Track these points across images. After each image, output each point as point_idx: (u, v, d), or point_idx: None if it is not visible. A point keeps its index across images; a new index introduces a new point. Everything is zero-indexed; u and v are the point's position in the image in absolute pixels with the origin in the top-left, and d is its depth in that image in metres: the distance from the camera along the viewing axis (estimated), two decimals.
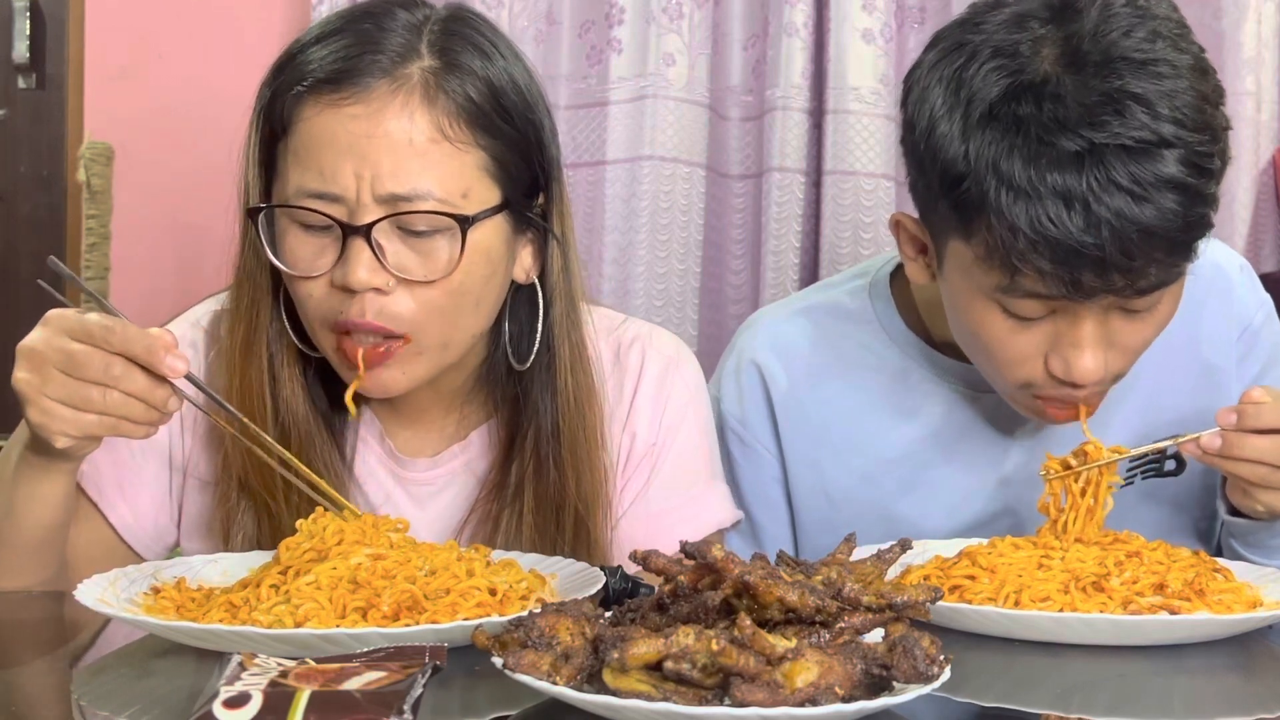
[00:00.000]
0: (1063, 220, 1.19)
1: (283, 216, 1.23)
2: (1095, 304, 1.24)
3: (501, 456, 1.35)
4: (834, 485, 1.50)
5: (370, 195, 1.18)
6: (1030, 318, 1.27)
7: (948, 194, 1.25)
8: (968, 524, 1.47)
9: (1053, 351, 1.27)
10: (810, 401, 1.51)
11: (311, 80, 1.21)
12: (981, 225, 1.23)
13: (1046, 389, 1.30)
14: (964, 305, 1.31)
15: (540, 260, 1.31)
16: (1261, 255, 2.39)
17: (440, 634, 0.97)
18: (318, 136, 1.20)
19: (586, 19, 2.43)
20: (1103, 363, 1.27)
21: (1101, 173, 1.18)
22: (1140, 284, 1.22)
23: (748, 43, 2.44)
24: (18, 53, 2.78)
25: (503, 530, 1.32)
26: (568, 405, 1.31)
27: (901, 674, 0.81)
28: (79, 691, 0.94)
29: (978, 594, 1.14)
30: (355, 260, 1.18)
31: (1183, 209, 1.20)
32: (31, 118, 2.85)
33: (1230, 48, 2.34)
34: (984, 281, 1.26)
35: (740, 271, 2.46)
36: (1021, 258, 1.21)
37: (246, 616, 1.02)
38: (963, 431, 1.48)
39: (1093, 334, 1.26)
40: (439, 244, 1.21)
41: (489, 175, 1.23)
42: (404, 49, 1.21)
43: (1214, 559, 1.21)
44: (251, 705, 0.75)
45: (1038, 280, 1.22)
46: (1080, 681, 1.00)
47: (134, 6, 2.66)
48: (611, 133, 2.36)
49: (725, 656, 0.77)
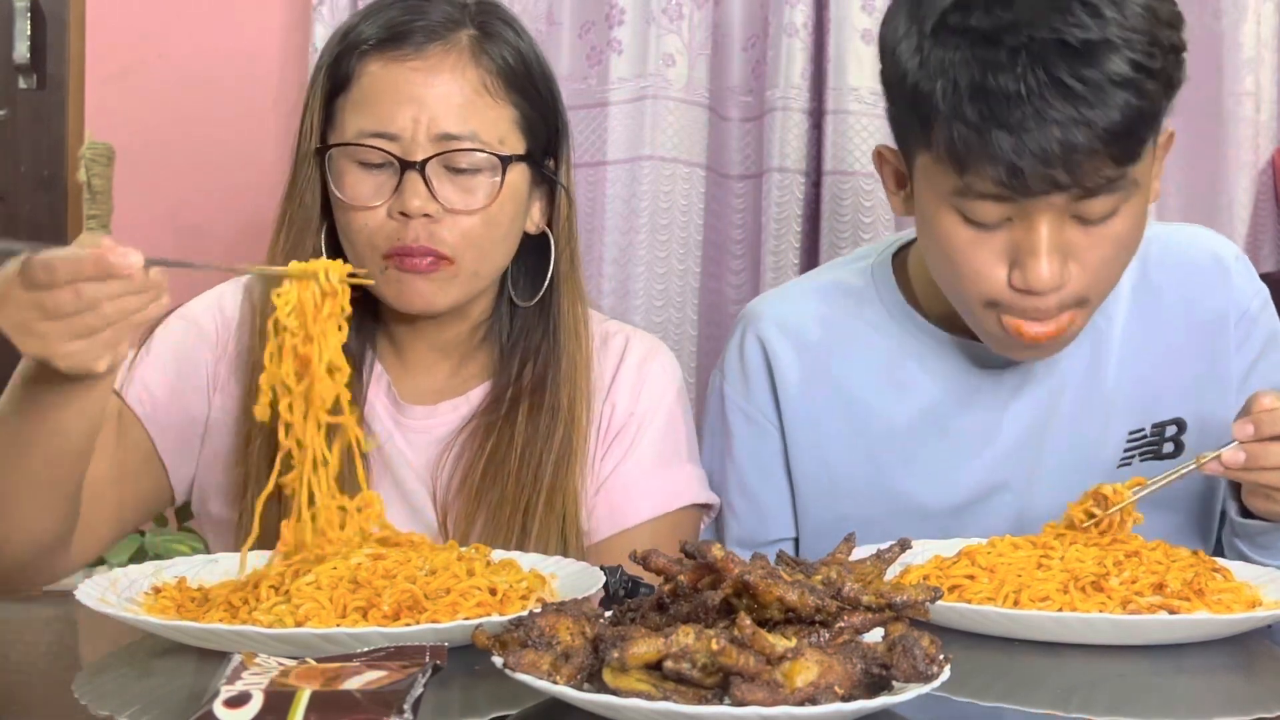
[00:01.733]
0: (1005, 118, 1.24)
1: (342, 157, 1.41)
2: (1048, 209, 1.29)
3: (500, 381, 1.48)
4: (835, 459, 1.53)
5: (425, 135, 1.38)
6: (988, 223, 1.31)
7: (910, 106, 1.33)
8: (966, 497, 1.50)
9: (1014, 265, 1.32)
10: (814, 376, 1.54)
11: (376, 40, 1.41)
12: (938, 129, 1.29)
13: (1011, 305, 1.34)
14: (931, 219, 1.36)
15: (547, 215, 1.50)
16: (1261, 255, 2.39)
17: (440, 634, 0.97)
18: (381, 86, 1.40)
19: (586, 19, 2.43)
20: (1059, 272, 1.31)
21: (1043, 72, 1.24)
22: (1085, 183, 1.26)
23: (748, 43, 2.43)
24: (18, 53, 2.78)
25: (494, 438, 1.44)
26: (567, 329, 1.48)
27: (901, 673, 0.81)
28: (79, 691, 0.94)
29: (977, 594, 1.14)
30: (411, 190, 1.38)
31: (1122, 110, 1.24)
32: (32, 118, 2.85)
33: (1230, 48, 2.34)
34: (943, 186, 1.32)
35: (740, 271, 2.46)
36: (970, 156, 1.27)
37: (247, 616, 1.02)
38: (960, 406, 1.51)
39: (1048, 240, 1.29)
40: (479, 180, 1.40)
41: (519, 128, 1.44)
42: (452, 19, 1.43)
43: (1213, 559, 1.22)
44: (252, 705, 0.75)
45: (986, 180, 1.27)
46: (1080, 681, 1.00)
47: (134, 6, 2.66)
48: (611, 133, 2.36)
49: (725, 656, 0.77)
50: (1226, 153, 2.35)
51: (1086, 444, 1.49)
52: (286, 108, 2.59)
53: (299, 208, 1.45)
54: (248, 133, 2.60)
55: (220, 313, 1.50)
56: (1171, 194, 2.40)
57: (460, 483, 1.44)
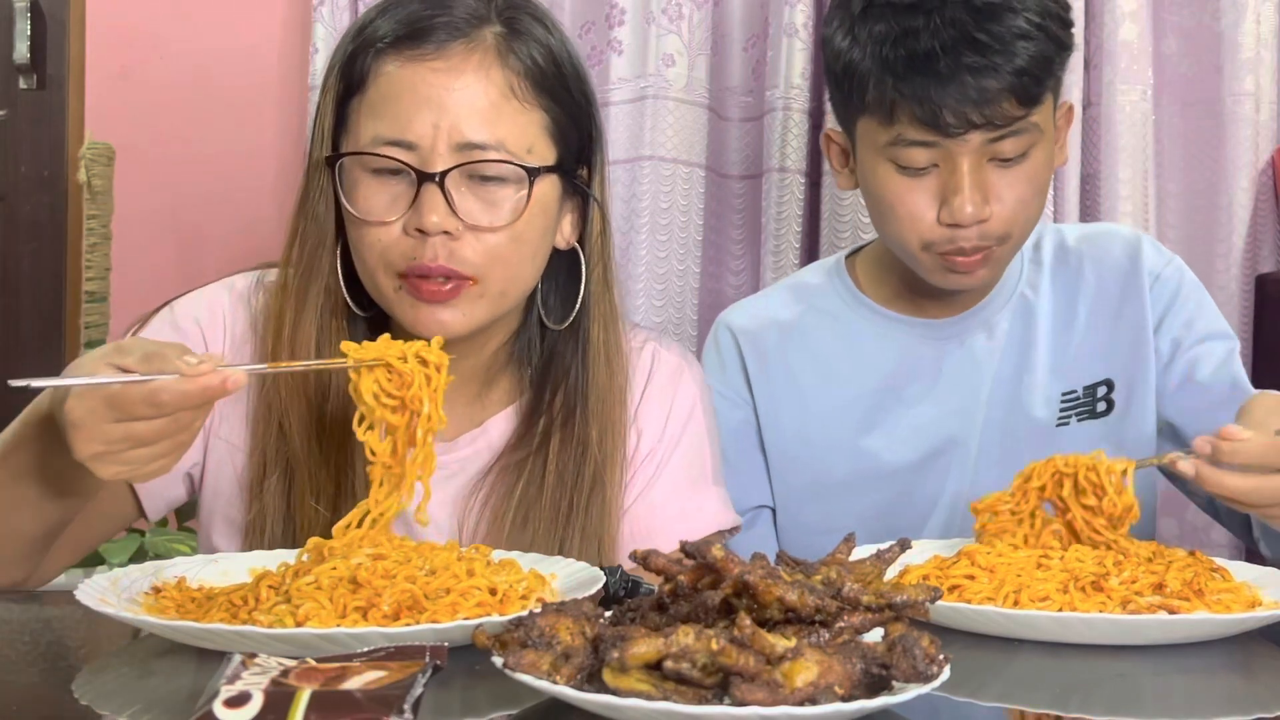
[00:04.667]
0: (927, 69, 1.46)
1: (355, 166, 1.30)
2: (968, 151, 1.50)
3: (529, 410, 1.39)
4: (806, 427, 1.70)
5: (445, 144, 1.27)
6: (917, 166, 1.52)
7: (847, 79, 1.54)
8: (922, 453, 1.68)
9: (942, 205, 1.52)
10: (782, 353, 1.72)
11: (393, 37, 1.30)
12: (871, 90, 1.51)
13: (943, 243, 1.53)
14: (871, 176, 1.57)
15: (580, 227, 1.39)
16: (1261, 255, 2.39)
17: (440, 633, 0.97)
18: (398, 88, 1.28)
19: (586, 19, 2.43)
20: (980, 205, 1.51)
21: (955, 30, 1.46)
22: (996, 120, 1.48)
23: (748, 43, 2.44)
24: (18, 53, 2.78)
25: (525, 478, 1.35)
26: (599, 358, 1.38)
27: (901, 673, 0.81)
28: (79, 691, 0.94)
29: (977, 594, 1.14)
30: (429, 205, 1.26)
31: (1023, 57, 1.47)
32: (32, 118, 2.85)
33: (1229, 48, 2.34)
34: (880, 140, 1.53)
35: (740, 272, 2.46)
36: (898, 106, 1.49)
37: (247, 616, 1.02)
38: (909, 373, 1.70)
39: (969, 178, 1.50)
40: (505, 193, 1.29)
41: (549, 135, 1.32)
42: (476, 15, 1.31)
43: (1212, 559, 1.22)
44: (252, 705, 0.75)
45: (914, 125, 1.49)
46: (1080, 681, 1.00)
47: (134, 6, 2.66)
48: (612, 133, 2.36)
49: (725, 656, 0.77)
50: (1226, 153, 2.36)
51: (1023, 404, 1.67)
52: (287, 108, 2.60)
53: (311, 221, 1.34)
54: (248, 133, 2.60)
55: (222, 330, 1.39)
56: (1172, 194, 2.40)
57: (489, 527, 1.35)
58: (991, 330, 1.68)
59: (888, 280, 1.70)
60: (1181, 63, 2.39)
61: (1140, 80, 2.33)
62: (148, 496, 1.38)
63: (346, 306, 1.34)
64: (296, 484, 1.31)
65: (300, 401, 1.32)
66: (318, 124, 1.34)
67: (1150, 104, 2.34)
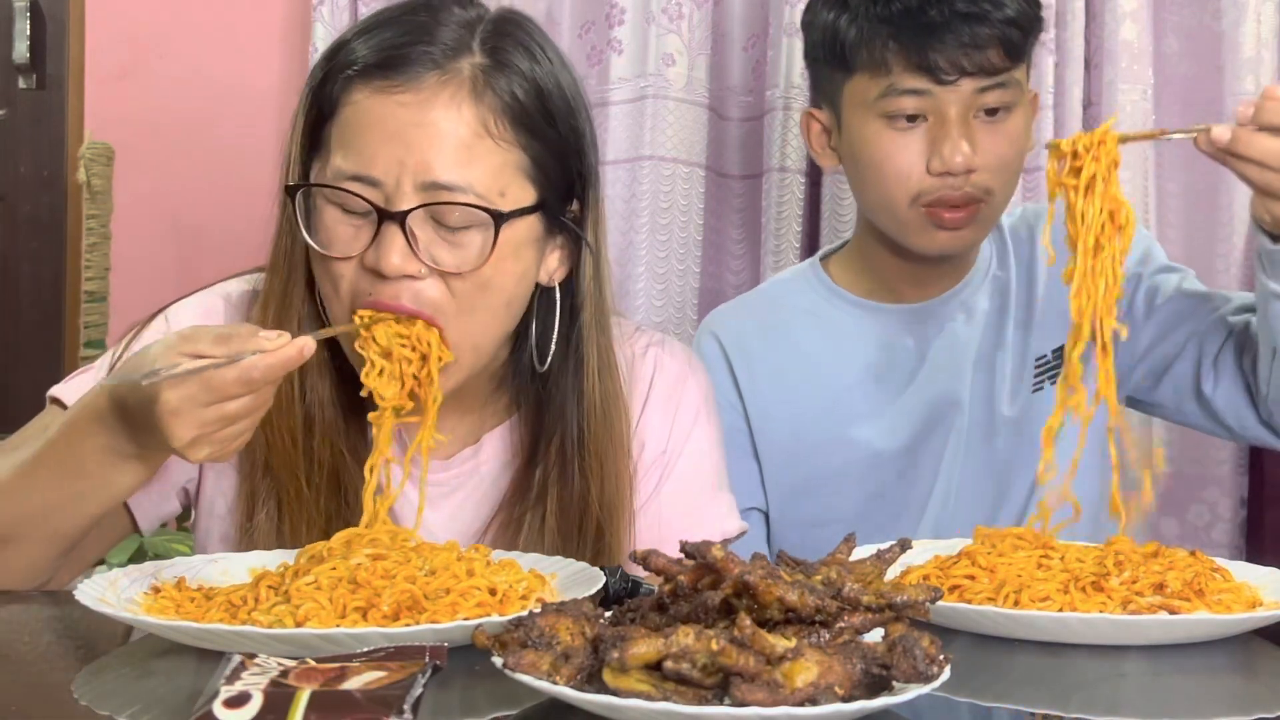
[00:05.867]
0: (920, 18, 1.55)
1: (319, 197, 1.25)
2: (957, 100, 1.58)
3: (524, 459, 1.36)
4: (796, 422, 1.73)
5: (410, 183, 1.20)
6: (907, 116, 1.59)
7: (832, 48, 1.62)
8: (910, 436, 1.73)
9: (932, 154, 1.59)
10: (766, 352, 1.76)
11: (363, 65, 1.23)
12: (862, 51, 1.59)
13: (931, 191, 1.59)
14: (859, 140, 1.63)
15: (569, 265, 1.32)
16: None
17: (440, 634, 0.97)
18: (364, 120, 1.22)
19: (586, 19, 2.43)
20: (970, 153, 1.58)
21: None
22: (986, 67, 1.56)
23: (748, 43, 2.43)
24: (18, 53, 2.78)
25: (524, 535, 1.33)
26: (593, 411, 1.33)
27: (901, 674, 0.81)
28: (79, 691, 0.94)
29: (977, 594, 1.14)
30: (389, 245, 1.20)
31: (1012, 8, 1.56)
32: (31, 118, 2.85)
33: (1230, 48, 2.34)
34: (870, 96, 1.60)
35: (740, 271, 2.46)
36: (891, 55, 1.57)
37: (246, 616, 1.02)
38: (890, 360, 1.75)
39: (958, 128, 1.58)
40: (471, 237, 1.22)
41: (526, 176, 1.25)
42: (456, 44, 1.24)
43: (1212, 559, 1.22)
44: (252, 705, 0.75)
45: (908, 72, 1.57)
46: (1080, 681, 1.00)
47: (134, 6, 2.66)
48: (612, 133, 2.36)
49: (725, 656, 0.77)
50: None
51: (1001, 375, 1.73)
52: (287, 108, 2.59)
53: (281, 254, 1.30)
54: (248, 133, 2.60)
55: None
56: (1172, 194, 2.40)
57: None
58: (971, 312, 1.75)
59: (864, 273, 1.76)
60: (1182, 63, 2.39)
61: (1140, 80, 2.33)
62: (144, 516, 1.38)
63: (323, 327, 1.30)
64: (286, 514, 1.31)
65: (283, 437, 1.31)
66: (289, 149, 1.29)
67: (1150, 104, 2.34)
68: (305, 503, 1.30)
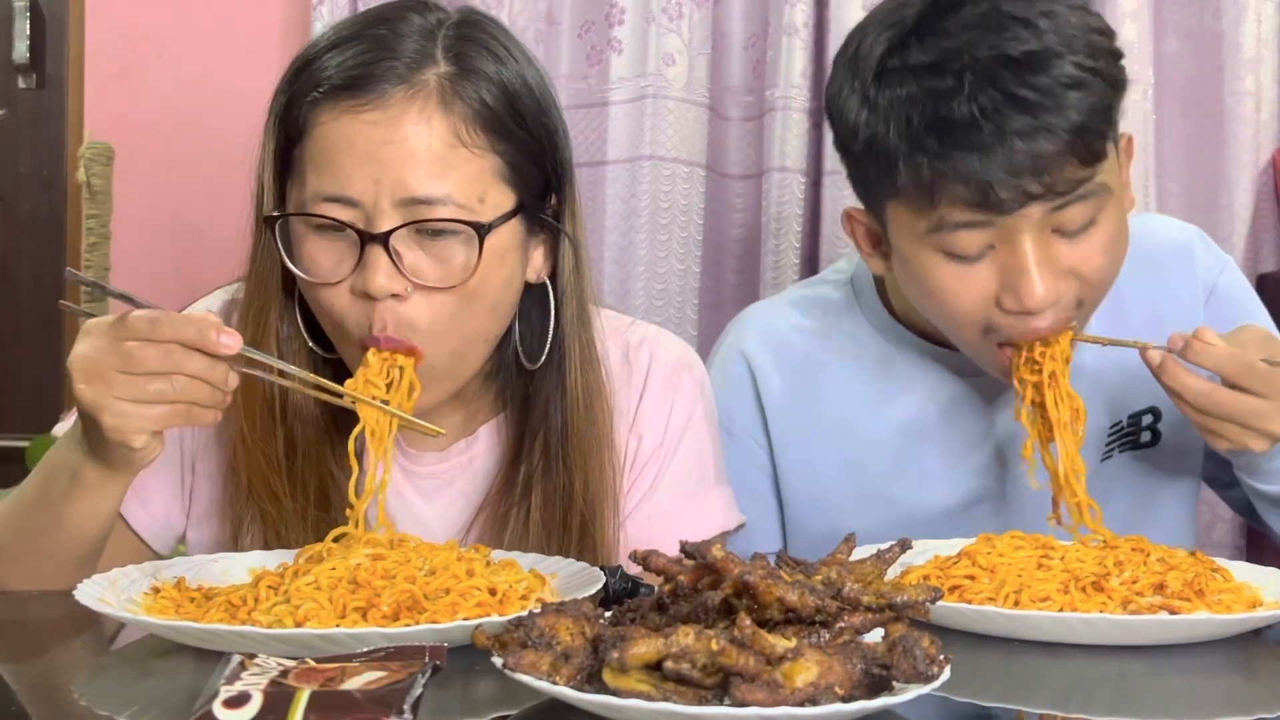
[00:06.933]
0: (966, 140, 1.24)
1: (299, 223, 1.23)
2: (1027, 226, 1.27)
3: (510, 456, 1.36)
4: (824, 470, 1.53)
5: (388, 200, 1.19)
6: (970, 254, 1.30)
7: (869, 156, 1.32)
8: (955, 503, 1.51)
9: (1003, 290, 1.30)
10: (799, 389, 1.54)
11: (328, 86, 1.21)
12: (901, 170, 1.28)
13: (1007, 329, 1.32)
14: (913, 265, 1.34)
15: (552, 261, 1.32)
16: (1261, 255, 2.39)
17: (440, 634, 0.97)
18: (334, 143, 1.20)
19: (586, 19, 2.43)
20: (1051, 287, 1.29)
21: (994, 89, 1.24)
22: (1057, 188, 1.26)
23: (748, 43, 2.43)
24: (18, 53, 2.78)
25: (510, 529, 1.32)
26: (576, 405, 1.32)
27: (901, 674, 0.81)
28: (79, 691, 0.94)
29: (978, 594, 1.14)
30: (374, 267, 1.19)
31: (1079, 109, 1.25)
32: (31, 118, 2.85)
33: (1230, 48, 2.34)
34: (919, 227, 1.30)
35: (740, 271, 2.46)
36: (938, 185, 1.26)
37: (246, 616, 1.02)
38: (946, 415, 1.51)
39: (1034, 256, 1.28)
40: (455, 249, 1.21)
41: (503, 180, 1.24)
42: (419, 55, 1.22)
43: (1212, 559, 1.22)
44: (251, 705, 0.75)
45: (960, 206, 1.26)
46: (1080, 681, 1.00)
47: (134, 6, 2.66)
48: (611, 133, 2.36)
49: (725, 656, 0.77)
50: (1226, 153, 2.36)
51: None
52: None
53: (256, 284, 1.28)
54: (248, 133, 2.60)
55: None
56: (1172, 194, 2.40)
57: None
58: None
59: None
60: (1182, 62, 2.39)
61: (1140, 80, 2.32)
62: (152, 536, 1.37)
63: (308, 353, 1.31)
64: (271, 533, 1.31)
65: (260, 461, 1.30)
66: (260, 176, 1.26)
67: (1151, 104, 2.34)
68: (292, 524, 1.29)
